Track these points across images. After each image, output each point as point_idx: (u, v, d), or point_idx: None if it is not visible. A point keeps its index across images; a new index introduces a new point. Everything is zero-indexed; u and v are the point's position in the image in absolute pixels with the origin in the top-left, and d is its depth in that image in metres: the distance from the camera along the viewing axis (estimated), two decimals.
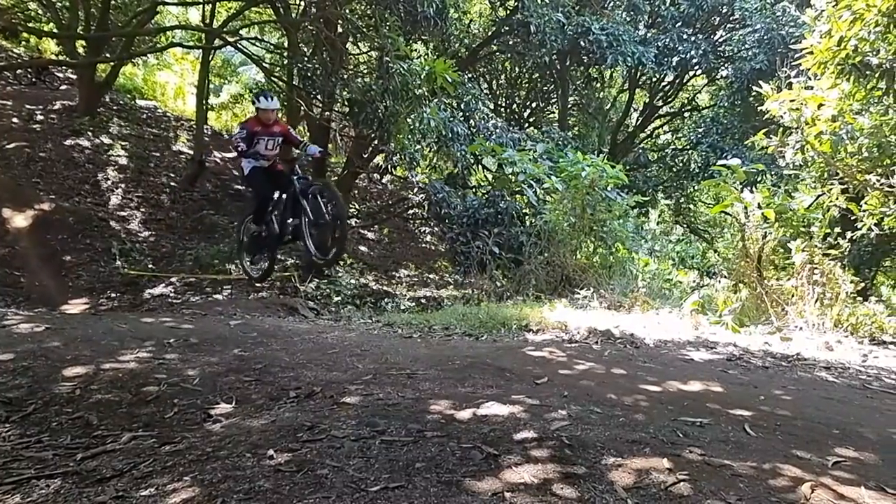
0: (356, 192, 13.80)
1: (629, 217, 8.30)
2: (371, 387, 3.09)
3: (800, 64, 6.10)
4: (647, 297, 6.80)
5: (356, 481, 1.98)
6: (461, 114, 10.23)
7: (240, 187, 12.56)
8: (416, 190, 12.60)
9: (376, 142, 9.91)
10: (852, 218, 6.79)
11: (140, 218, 10.78)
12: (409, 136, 8.53)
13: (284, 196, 6.62)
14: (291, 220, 6.61)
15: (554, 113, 16.26)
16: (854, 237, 6.49)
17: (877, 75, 5.55)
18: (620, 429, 2.54)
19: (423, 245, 14.75)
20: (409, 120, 8.27)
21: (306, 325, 5.51)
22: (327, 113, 10.00)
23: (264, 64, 10.87)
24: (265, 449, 2.22)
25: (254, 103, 6.54)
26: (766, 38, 11.90)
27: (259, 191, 6.73)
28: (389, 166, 11.25)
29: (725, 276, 7.77)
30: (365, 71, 9.79)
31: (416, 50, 11.15)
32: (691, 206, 16.71)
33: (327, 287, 9.41)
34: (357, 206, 13.34)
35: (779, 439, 2.58)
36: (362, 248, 12.70)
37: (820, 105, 5.95)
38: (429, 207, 10.52)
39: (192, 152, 12.70)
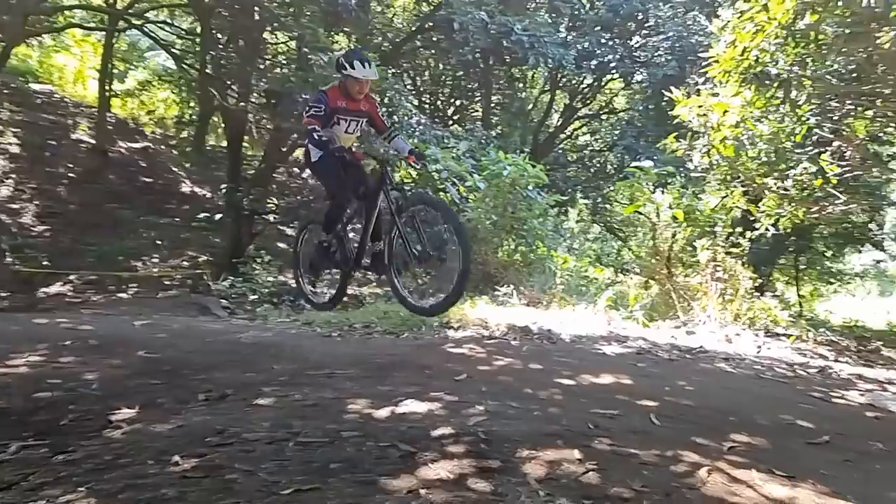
0: (274, 186, 13.42)
1: (549, 216, 8.49)
2: (287, 388, 3.01)
3: (707, 71, 6.43)
4: (564, 293, 7.00)
5: (268, 485, 1.91)
6: (384, 109, 10.13)
7: (148, 179, 11.91)
8: None
9: (295, 135, 9.67)
10: (752, 218, 7.25)
11: (34, 211, 10.01)
12: None
13: (366, 208, 4.65)
14: (373, 243, 4.67)
15: (478, 111, 16.43)
16: (753, 237, 6.93)
17: (775, 85, 5.92)
18: (536, 422, 2.60)
19: None
20: None
21: (220, 325, 5.31)
22: (243, 104, 9.66)
23: (174, 50, 10.36)
24: (171, 455, 2.11)
25: (342, 69, 4.32)
26: (677, 45, 12.50)
27: (334, 186, 4.67)
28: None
29: (637, 273, 8.11)
30: (283, 61, 9.53)
31: (337, 42, 10.96)
32: (608, 205, 17.31)
33: (242, 286, 9.10)
34: (276, 202, 12.98)
35: (682, 428, 2.72)
36: (280, 245, 12.35)
37: (724, 111, 6.29)
38: None
39: (94, 141, 11.91)
